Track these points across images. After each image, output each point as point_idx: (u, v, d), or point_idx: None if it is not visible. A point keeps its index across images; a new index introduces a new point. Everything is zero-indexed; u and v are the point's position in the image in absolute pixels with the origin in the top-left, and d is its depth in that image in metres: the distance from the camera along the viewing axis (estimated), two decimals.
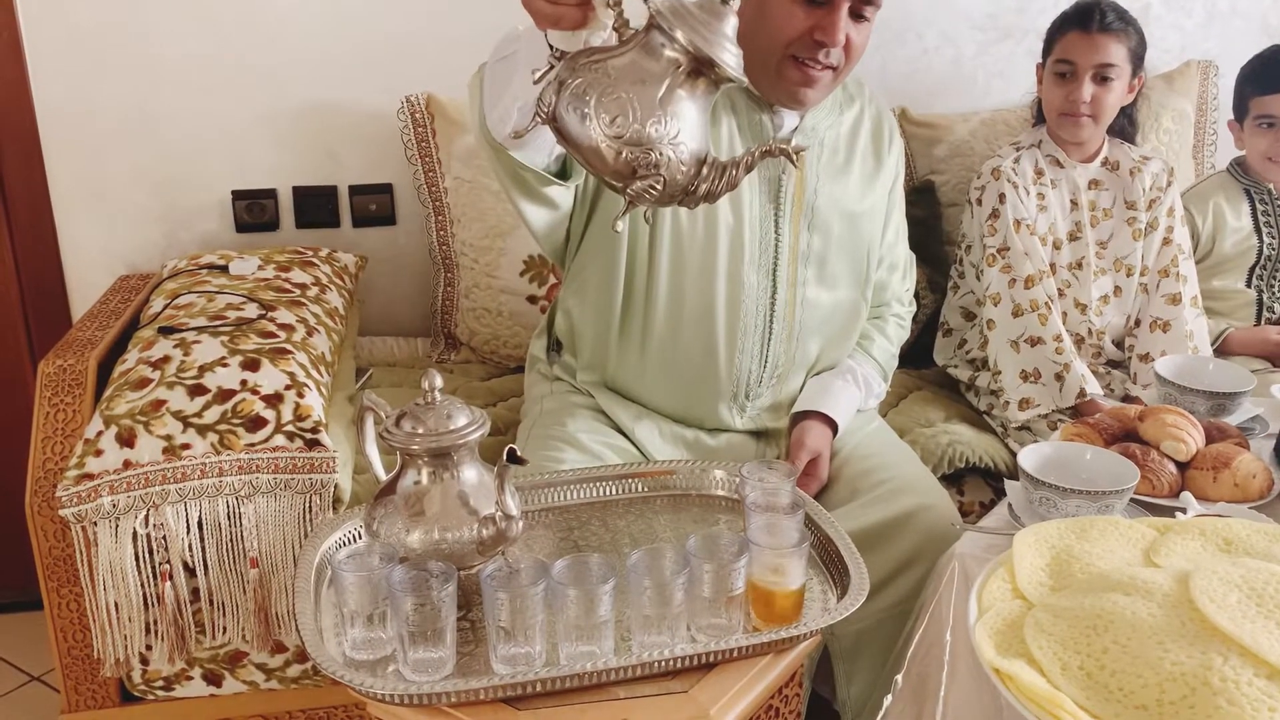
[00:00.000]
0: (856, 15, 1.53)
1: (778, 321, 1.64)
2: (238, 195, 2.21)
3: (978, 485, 1.86)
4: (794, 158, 1.03)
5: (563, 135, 1.02)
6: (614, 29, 1.01)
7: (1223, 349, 2.11)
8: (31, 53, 2.06)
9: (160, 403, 1.57)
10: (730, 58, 0.99)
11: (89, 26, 2.06)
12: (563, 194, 1.50)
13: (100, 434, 1.54)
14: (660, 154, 0.99)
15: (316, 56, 2.16)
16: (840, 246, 1.67)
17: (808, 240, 1.64)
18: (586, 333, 1.68)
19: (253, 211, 2.22)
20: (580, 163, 1.03)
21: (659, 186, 1.00)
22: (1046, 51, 1.99)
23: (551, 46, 1.04)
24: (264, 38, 2.13)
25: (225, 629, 1.59)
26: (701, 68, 1.00)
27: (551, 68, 1.02)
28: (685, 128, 1.00)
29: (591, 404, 1.70)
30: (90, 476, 1.51)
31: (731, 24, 1.00)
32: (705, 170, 1.02)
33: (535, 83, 1.02)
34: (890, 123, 1.76)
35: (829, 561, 1.26)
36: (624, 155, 0.99)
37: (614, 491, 1.43)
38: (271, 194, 2.22)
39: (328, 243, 2.21)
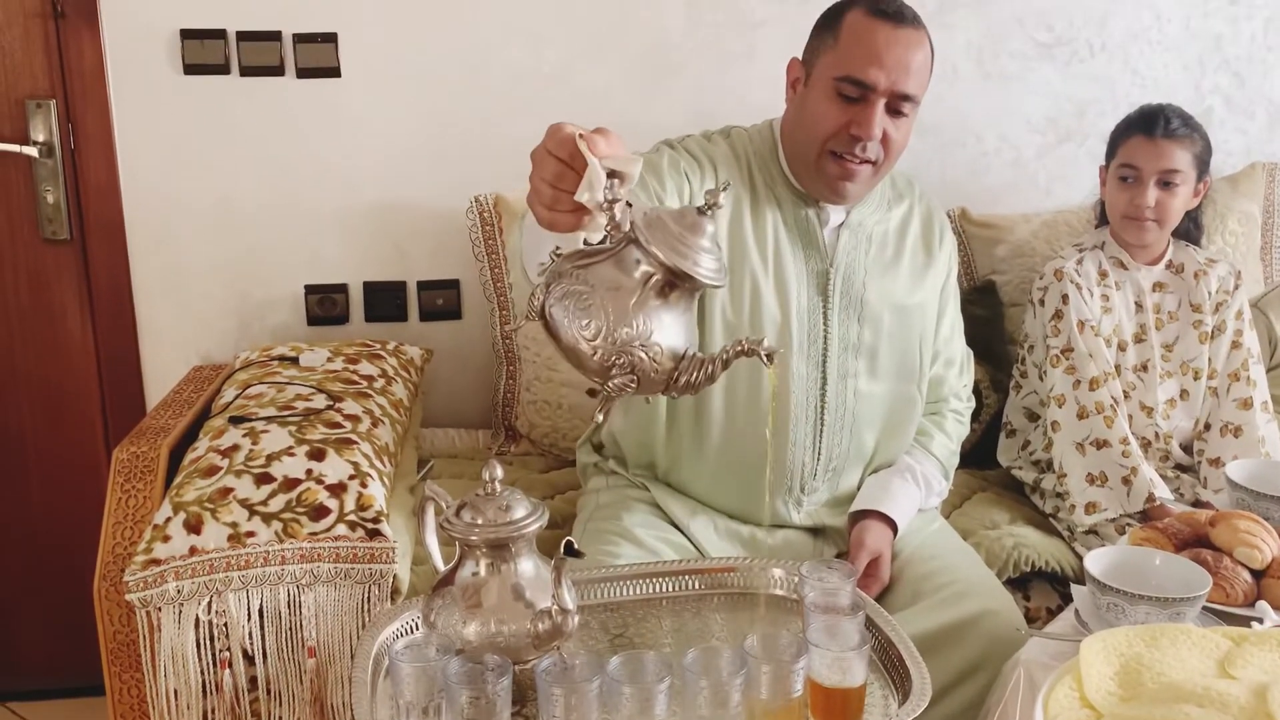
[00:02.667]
0: (894, 112, 1.56)
1: (830, 413, 1.64)
2: (310, 289, 2.28)
3: (1044, 590, 1.82)
4: (768, 360, 1.09)
5: (549, 331, 1.10)
6: (606, 230, 1.07)
7: None
8: (123, 150, 2.17)
9: (228, 490, 1.60)
10: (705, 268, 1.07)
11: (177, 127, 2.17)
12: None
13: (169, 520, 1.57)
14: (633, 355, 1.07)
15: (389, 156, 2.24)
16: (891, 339, 1.67)
17: (858, 332, 1.65)
18: (629, 438, 1.69)
19: (324, 305, 2.28)
20: (566, 360, 1.10)
21: (634, 384, 1.07)
22: (1110, 155, 2.00)
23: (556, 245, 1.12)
24: (340, 138, 2.22)
25: (281, 719, 1.59)
26: (677, 280, 1.07)
27: (552, 263, 1.11)
28: (659, 330, 1.08)
29: (647, 498, 1.70)
30: (157, 562, 1.54)
31: (709, 233, 1.08)
32: (684, 364, 1.09)
33: (536, 277, 1.12)
34: (941, 219, 1.77)
35: (890, 665, 1.23)
36: (598, 356, 1.07)
37: (670, 588, 1.42)
38: (343, 288, 2.29)
39: (395, 336, 2.26)
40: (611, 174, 1.04)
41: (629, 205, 1.06)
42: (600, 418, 1.11)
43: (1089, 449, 1.89)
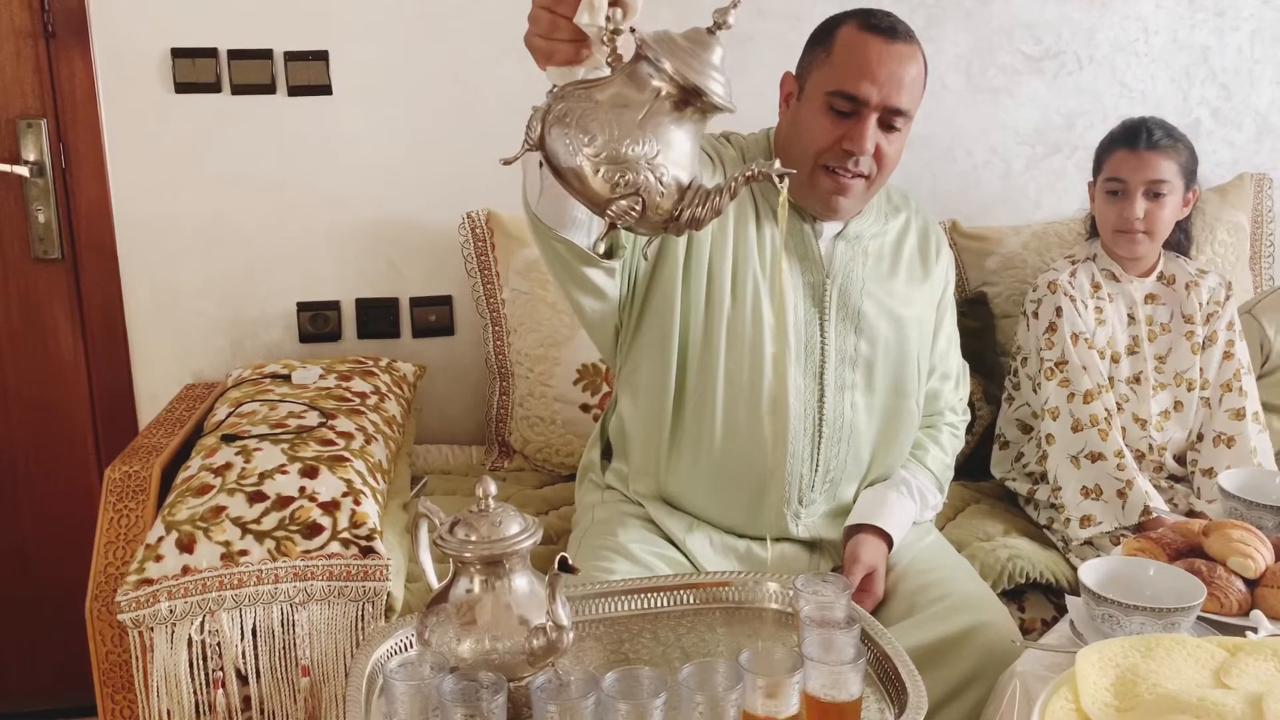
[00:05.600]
0: (887, 126, 1.56)
1: (827, 425, 1.65)
2: (302, 307, 2.28)
3: (1039, 601, 1.82)
4: (778, 180, 1.03)
5: (549, 162, 1.04)
6: (608, 63, 1.03)
7: None
8: (114, 169, 2.17)
9: (220, 509, 1.59)
10: (717, 85, 1.01)
11: (168, 146, 2.17)
12: (607, 281, 1.50)
13: (161, 539, 1.56)
14: (638, 174, 1.00)
15: (381, 173, 2.25)
16: (888, 351, 1.68)
17: (854, 344, 1.66)
18: (638, 435, 1.69)
19: (316, 322, 2.28)
20: (565, 188, 1.04)
21: (638, 207, 1.01)
22: (1096, 170, 2.01)
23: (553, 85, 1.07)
24: (331, 155, 2.22)
25: None
26: (688, 96, 1.01)
27: (551, 94, 1.05)
28: (665, 150, 1.01)
29: (642, 514, 1.70)
30: (150, 582, 1.53)
31: (718, 53, 1.02)
32: (689, 195, 1.03)
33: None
34: (938, 233, 1.78)
35: (886, 679, 1.23)
36: (601, 173, 1.00)
37: (666, 603, 1.42)
38: (335, 305, 2.29)
39: (388, 352, 2.26)
40: (613, 1, 1.00)
41: (632, 32, 1.01)
42: (601, 246, 1.05)
43: (1083, 462, 1.89)
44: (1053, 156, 2.50)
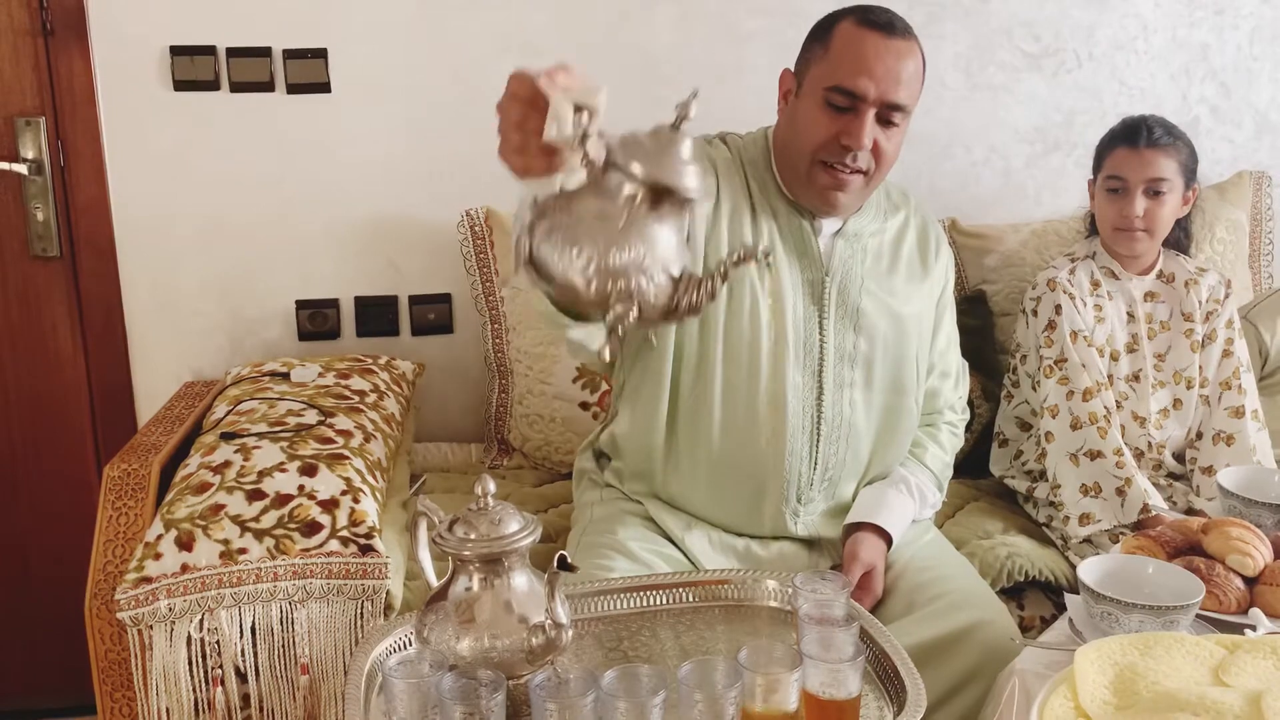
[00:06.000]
0: (885, 122, 1.56)
1: (826, 423, 1.65)
2: (301, 305, 2.27)
3: (1038, 599, 1.82)
4: (764, 261, 1.05)
5: (540, 275, 1.07)
6: (583, 167, 1.05)
7: None
8: (112, 167, 2.16)
9: (219, 507, 1.59)
10: (689, 179, 1.04)
11: (167, 146, 2.17)
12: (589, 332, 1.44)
13: (160, 537, 1.56)
14: (629, 280, 1.03)
15: (380, 171, 2.25)
16: (887, 349, 1.68)
17: (853, 342, 1.65)
18: (633, 440, 1.69)
19: (315, 320, 2.28)
20: (560, 298, 1.07)
21: (634, 311, 1.04)
22: (1096, 168, 2.01)
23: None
24: (330, 153, 2.22)
25: None
26: (663, 196, 1.04)
27: (531, 209, 1.08)
28: (651, 250, 1.04)
29: (641, 511, 1.70)
30: (149, 580, 1.53)
31: (686, 146, 1.05)
32: (682, 286, 1.05)
33: (520, 232, 1.08)
34: (937, 231, 1.78)
35: (885, 677, 1.23)
36: (594, 285, 1.03)
37: (665, 601, 1.42)
38: (334, 303, 2.29)
39: (387, 351, 2.26)
40: (578, 109, 1.02)
41: (601, 136, 1.03)
42: (607, 355, 1.07)
43: (1082, 460, 1.89)
44: (1052, 154, 2.50)
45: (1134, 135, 1.93)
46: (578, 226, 1.04)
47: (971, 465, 2.16)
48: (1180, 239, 2.06)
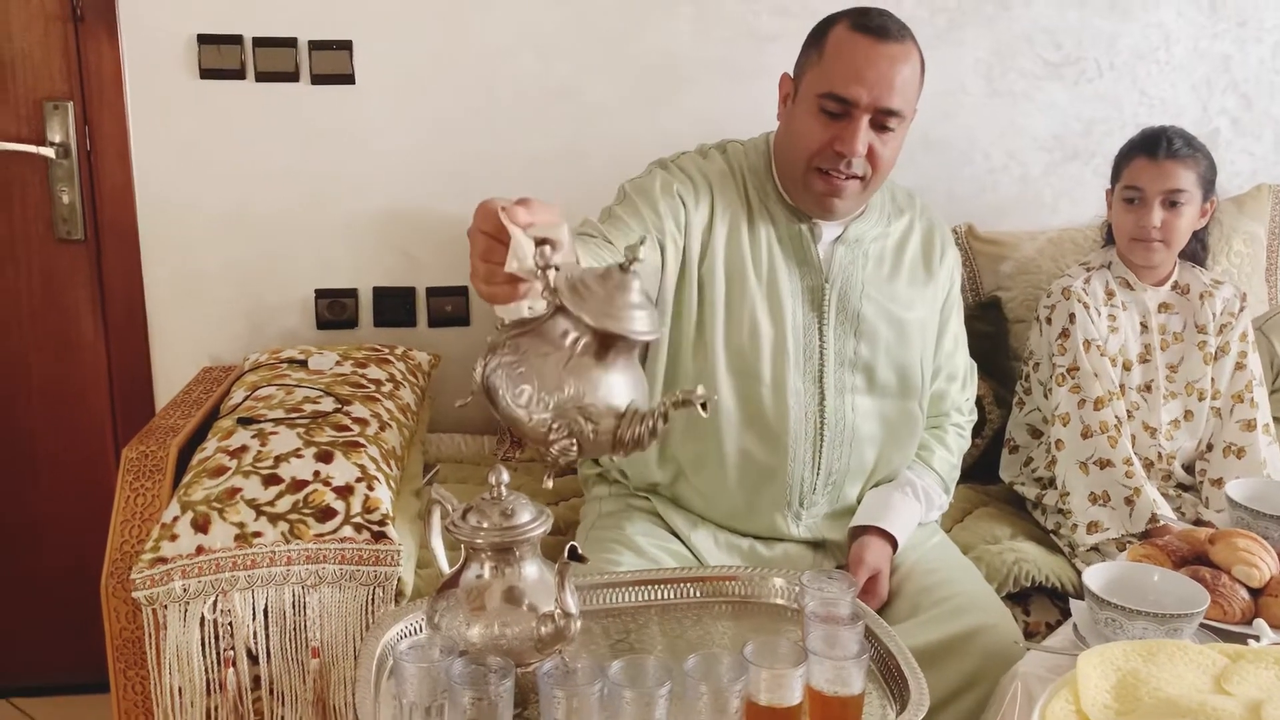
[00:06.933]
0: (880, 127, 1.56)
1: (829, 428, 1.65)
2: (320, 294, 2.29)
3: (1044, 605, 1.82)
4: (703, 408, 1.06)
5: (490, 401, 1.12)
6: (545, 297, 1.08)
7: None
8: (138, 153, 2.19)
9: (235, 490, 1.61)
10: (637, 324, 1.05)
11: (192, 133, 2.19)
12: None
13: (176, 519, 1.58)
14: (569, 419, 1.06)
15: (401, 163, 2.26)
16: (889, 354, 1.68)
17: (854, 347, 1.66)
18: (625, 459, 1.70)
19: (334, 309, 2.30)
20: (507, 426, 1.11)
21: (574, 448, 1.07)
22: (1115, 178, 2.01)
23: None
24: (352, 144, 2.24)
25: (284, 718, 1.61)
26: (610, 340, 1.06)
27: (495, 335, 1.12)
28: (592, 391, 1.07)
29: (649, 507, 1.71)
30: (164, 560, 1.55)
31: (634, 289, 1.06)
32: (626, 421, 1.07)
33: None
34: (944, 235, 1.78)
35: (889, 676, 1.24)
36: (534, 422, 1.07)
37: (672, 595, 1.43)
38: (352, 293, 2.31)
39: (404, 341, 2.28)
40: (541, 241, 1.05)
41: (559, 269, 1.06)
42: (548, 482, 1.12)
43: (1092, 468, 1.89)
44: (1070, 163, 2.50)
45: (1153, 146, 1.93)
46: (521, 363, 1.08)
47: (981, 471, 2.17)
48: (1197, 251, 2.06)
